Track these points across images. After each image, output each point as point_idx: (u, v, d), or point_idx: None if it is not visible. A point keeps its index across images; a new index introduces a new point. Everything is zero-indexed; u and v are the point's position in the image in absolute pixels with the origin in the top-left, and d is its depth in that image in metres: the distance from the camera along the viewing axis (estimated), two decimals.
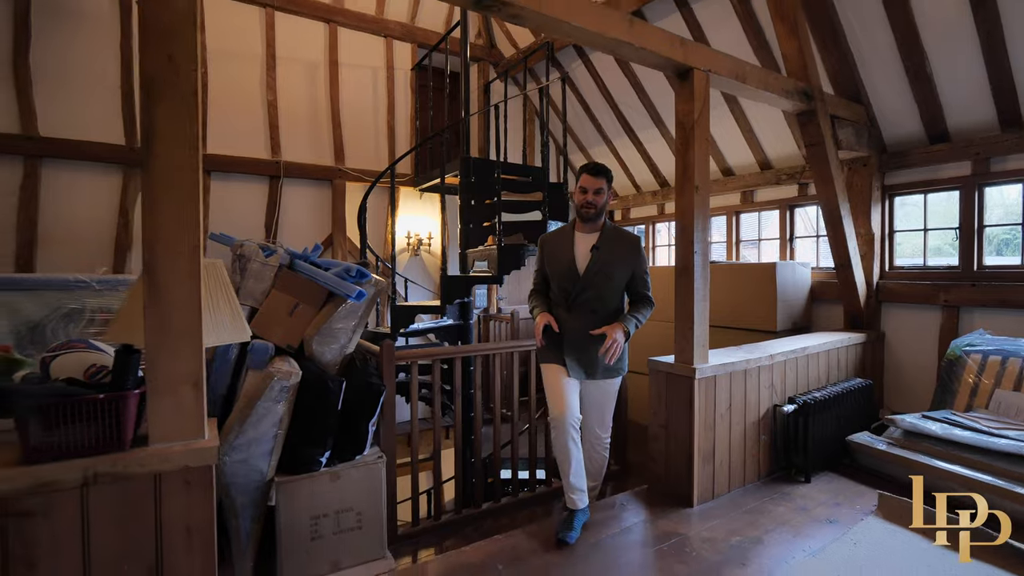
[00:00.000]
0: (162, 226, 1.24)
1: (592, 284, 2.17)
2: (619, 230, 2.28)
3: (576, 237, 2.24)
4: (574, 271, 2.19)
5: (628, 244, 2.22)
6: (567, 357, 2.18)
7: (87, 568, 1.15)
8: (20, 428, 1.12)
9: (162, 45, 1.23)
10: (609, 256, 2.18)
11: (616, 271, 2.19)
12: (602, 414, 2.33)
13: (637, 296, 2.25)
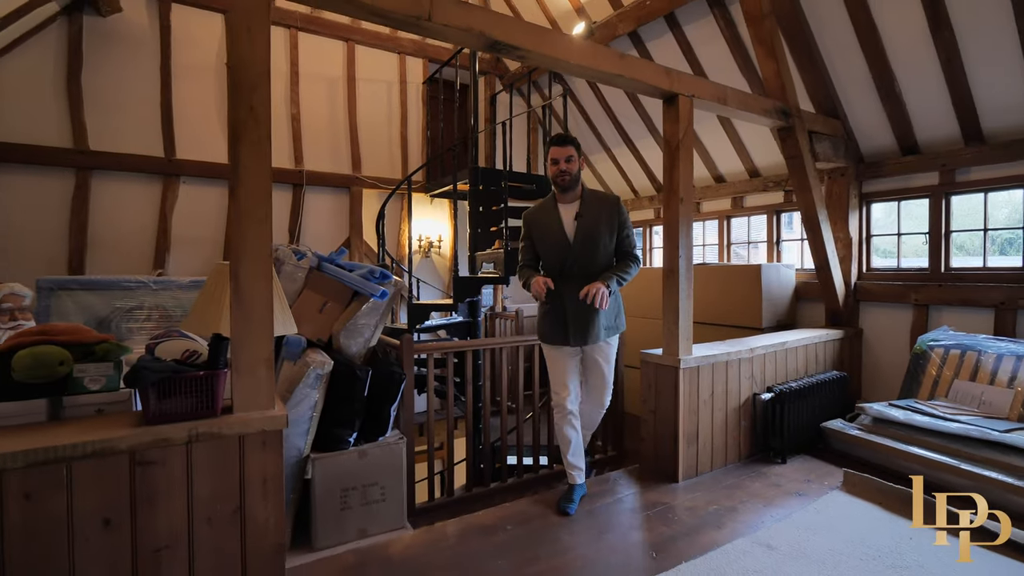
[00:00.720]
0: (245, 240, 1.57)
1: (582, 251, 2.26)
2: (597, 194, 2.36)
3: (560, 209, 2.32)
4: (565, 242, 2.27)
5: (609, 205, 2.31)
6: (569, 326, 2.28)
7: (190, 506, 1.49)
8: (143, 397, 1.45)
9: (245, 98, 1.56)
10: (593, 221, 2.27)
11: (601, 234, 2.27)
12: (605, 380, 2.44)
13: (621, 255, 2.34)
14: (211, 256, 4.45)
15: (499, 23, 2.08)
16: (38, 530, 1.31)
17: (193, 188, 4.35)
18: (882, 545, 2.06)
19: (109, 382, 1.64)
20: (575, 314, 2.28)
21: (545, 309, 2.39)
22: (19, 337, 1.58)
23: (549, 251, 2.34)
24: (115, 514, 1.40)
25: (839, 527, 2.23)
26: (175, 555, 1.47)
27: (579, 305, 2.25)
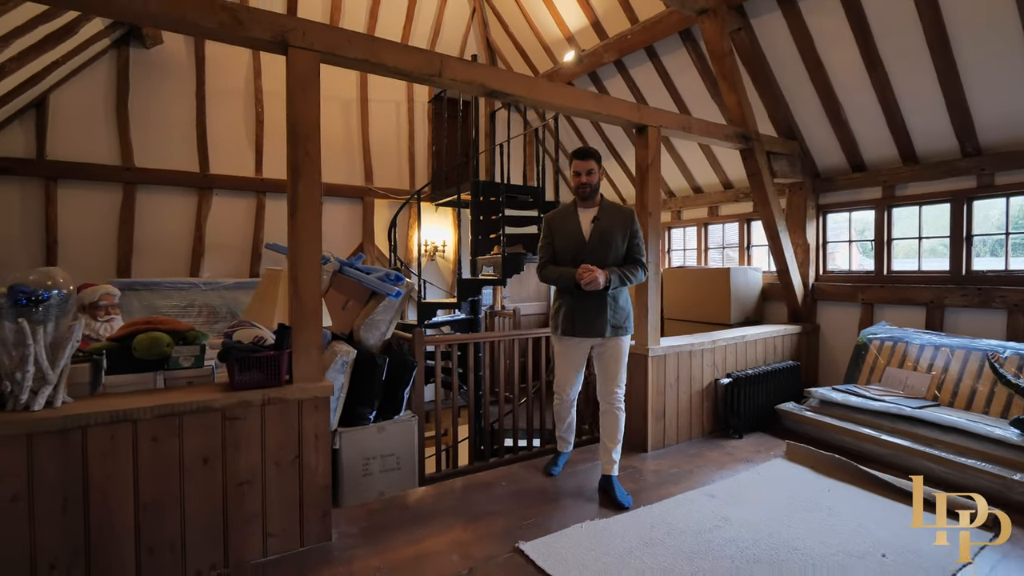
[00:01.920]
0: (302, 252, 2.07)
1: (595, 250, 2.48)
2: (615, 204, 2.61)
3: (580, 213, 2.55)
4: (581, 241, 2.49)
5: (623, 215, 2.55)
6: (577, 317, 2.49)
7: (263, 451, 1.99)
8: (230, 370, 1.96)
9: (302, 145, 2.06)
10: (608, 225, 2.50)
11: (615, 238, 2.50)
12: (615, 372, 2.58)
13: (630, 259, 2.56)
14: (240, 259, 4.96)
15: (495, 76, 2.58)
16: (160, 464, 1.82)
17: (224, 199, 4.86)
18: (804, 495, 2.56)
19: (196, 361, 2.14)
20: (584, 308, 2.49)
21: (559, 304, 2.58)
22: (131, 326, 2.08)
23: (566, 248, 2.53)
24: (211, 455, 1.90)
25: (773, 483, 2.73)
26: (252, 488, 1.97)
27: (589, 300, 2.48)
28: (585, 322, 2.50)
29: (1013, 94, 3.10)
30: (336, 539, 2.13)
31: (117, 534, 1.75)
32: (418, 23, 5.51)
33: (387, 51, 2.25)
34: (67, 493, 1.68)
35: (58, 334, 1.74)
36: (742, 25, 3.76)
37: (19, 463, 1.62)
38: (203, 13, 1.87)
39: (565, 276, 2.47)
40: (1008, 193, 3.41)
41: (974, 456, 2.63)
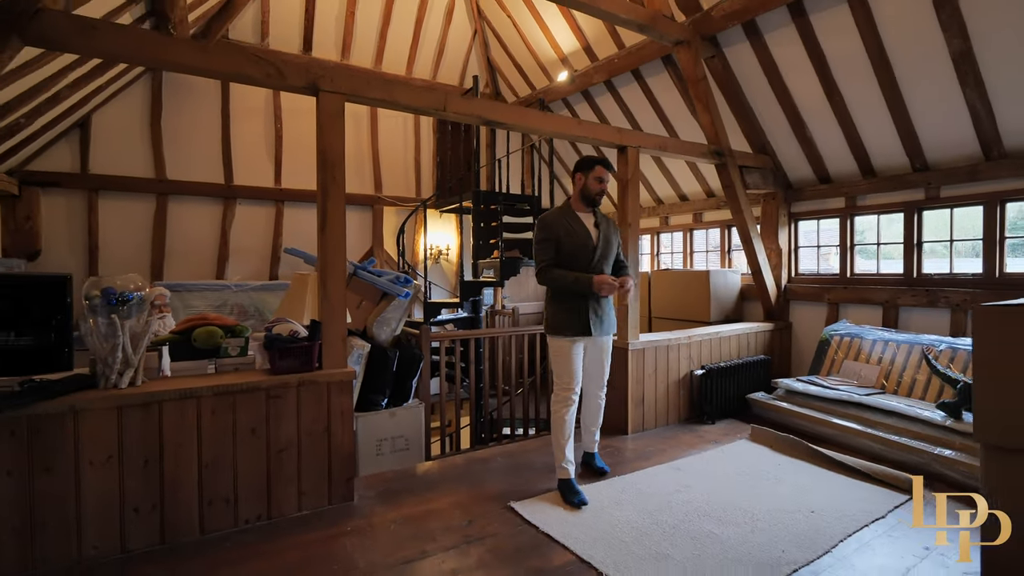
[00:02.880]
0: (329, 260, 2.49)
1: (602, 254, 2.62)
2: (603, 213, 2.78)
3: (581, 218, 2.64)
4: (591, 244, 2.59)
5: (612, 223, 2.78)
6: (591, 317, 2.57)
7: (299, 424, 2.41)
8: (271, 357, 2.38)
9: (331, 170, 2.49)
10: (607, 232, 2.67)
11: (612, 244, 2.68)
12: (603, 368, 2.76)
13: (620, 265, 2.78)
14: (261, 263, 5.40)
15: (491, 108, 3.01)
16: (217, 432, 2.24)
17: (246, 208, 5.30)
18: (758, 468, 2.97)
19: (241, 350, 2.57)
20: (599, 308, 2.60)
21: (568, 305, 2.58)
22: (189, 322, 2.52)
23: (578, 251, 2.57)
24: (258, 426, 2.33)
25: (735, 459, 3.14)
26: (290, 454, 2.40)
27: (604, 302, 2.63)
28: (600, 323, 2.60)
29: (949, 118, 3.50)
30: (358, 500, 2.55)
31: (184, 488, 2.18)
32: (424, 44, 5.94)
33: (401, 91, 2.68)
34: (147, 454, 2.11)
35: (138, 327, 2.17)
36: (715, 53, 4.17)
37: (112, 430, 2.05)
38: (255, 68, 2.30)
39: (582, 281, 2.50)
40: (952, 204, 3.81)
41: (907, 435, 3.04)
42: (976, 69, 3.21)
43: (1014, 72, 3.12)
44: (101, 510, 2.03)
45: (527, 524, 2.31)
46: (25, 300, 2.06)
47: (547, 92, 5.73)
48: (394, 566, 1.98)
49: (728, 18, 3.80)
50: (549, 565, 2.00)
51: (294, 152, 5.48)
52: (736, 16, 3.76)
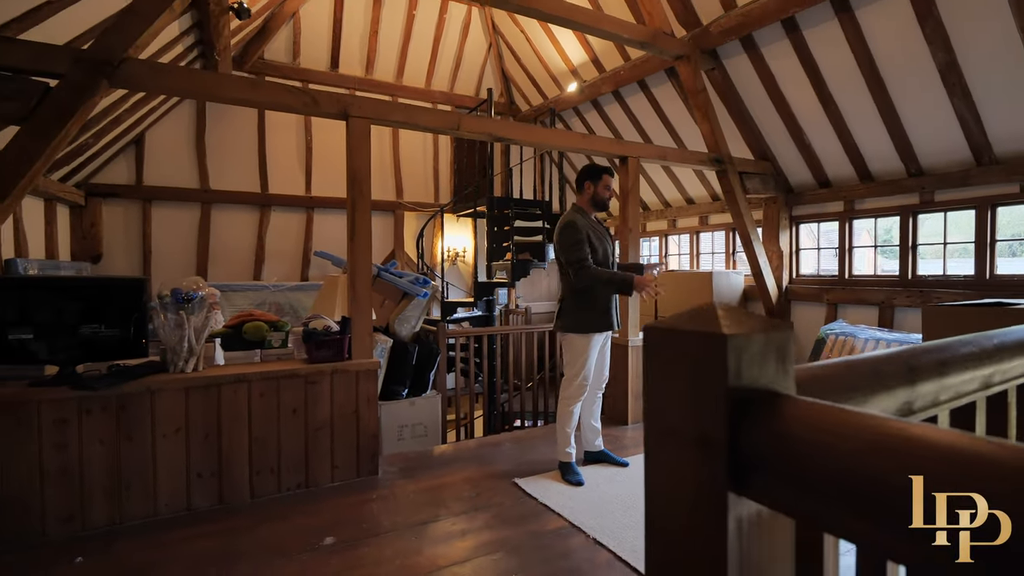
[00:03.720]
0: (358, 263, 2.86)
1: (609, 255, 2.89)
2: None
3: (594, 222, 2.89)
4: (609, 246, 2.88)
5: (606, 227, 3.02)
6: (613, 314, 2.82)
7: (332, 407, 2.78)
8: (309, 348, 2.76)
9: (358, 185, 2.85)
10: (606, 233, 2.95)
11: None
12: (607, 363, 3.02)
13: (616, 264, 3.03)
14: (292, 265, 5.85)
15: (501, 126, 3.34)
16: (265, 412, 2.63)
17: (280, 215, 5.76)
18: None
19: (283, 343, 2.96)
20: (613, 306, 2.86)
21: (593, 304, 2.77)
22: (239, 318, 2.91)
23: (601, 254, 2.81)
24: (298, 407, 2.71)
25: None
26: (324, 433, 2.77)
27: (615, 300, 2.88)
28: (617, 319, 2.87)
29: (940, 126, 3.68)
30: (382, 474, 2.91)
31: (237, 458, 2.57)
32: (442, 59, 6.30)
33: (420, 115, 3.03)
34: (207, 428, 2.51)
35: (199, 322, 2.57)
36: (715, 65, 4.41)
37: (180, 407, 2.45)
38: (294, 98, 2.68)
39: (617, 279, 2.71)
40: (945, 209, 3.98)
41: None
42: (962, 80, 3.39)
43: (999, 82, 3.29)
44: (171, 474, 2.43)
45: (528, 496, 2.63)
46: (110, 299, 2.48)
47: (558, 102, 6.03)
48: (413, 526, 2.33)
49: (725, 33, 4.04)
50: (544, 529, 2.32)
51: (323, 163, 5.91)
52: (733, 31, 4.00)
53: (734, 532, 0.39)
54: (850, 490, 0.35)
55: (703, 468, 0.40)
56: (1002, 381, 0.77)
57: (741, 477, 0.39)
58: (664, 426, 0.44)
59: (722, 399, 0.39)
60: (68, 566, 2.04)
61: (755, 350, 0.40)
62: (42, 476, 2.23)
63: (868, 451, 0.34)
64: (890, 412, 0.57)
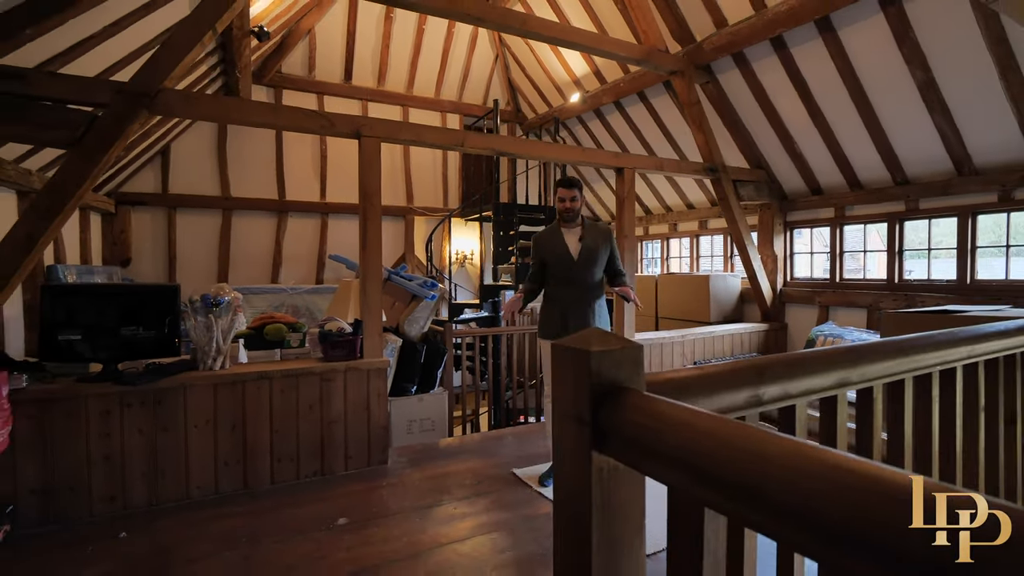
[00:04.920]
0: (368, 271, 3.12)
1: (584, 266, 2.76)
2: (595, 224, 2.87)
3: (564, 233, 2.81)
4: (569, 258, 2.76)
5: (604, 234, 2.83)
6: (570, 322, 2.73)
7: (345, 402, 3.04)
8: (324, 348, 3.02)
9: (369, 200, 3.11)
10: (592, 244, 2.78)
11: (598, 255, 2.78)
12: None
13: (615, 272, 2.87)
14: (308, 268, 6.15)
15: (503, 142, 3.57)
16: (284, 406, 2.89)
17: (297, 220, 6.06)
18: None
19: (300, 343, 3.23)
20: (573, 314, 2.77)
21: (548, 311, 2.85)
22: (260, 320, 3.19)
23: (558, 265, 2.79)
24: (314, 402, 2.97)
25: None
26: (338, 426, 3.03)
27: (575, 307, 2.77)
28: (575, 328, 2.70)
29: (922, 138, 3.84)
30: (391, 463, 3.17)
31: (260, 447, 2.84)
32: (450, 70, 6.55)
33: (427, 133, 3.28)
34: (234, 420, 2.78)
35: (226, 324, 2.85)
36: (709, 79, 4.60)
37: (209, 401, 2.73)
38: (312, 122, 2.94)
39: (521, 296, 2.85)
40: (929, 216, 4.14)
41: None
42: (940, 96, 3.56)
43: (975, 98, 3.45)
44: (202, 462, 2.71)
45: (525, 485, 2.87)
46: (147, 303, 2.76)
47: (562, 111, 6.24)
48: (419, 509, 2.58)
49: (718, 50, 4.23)
50: (537, 513, 2.56)
51: (337, 171, 6.19)
52: (724, 48, 4.19)
53: (596, 476, 0.63)
54: (660, 452, 0.58)
55: (579, 436, 0.64)
56: (860, 381, 1.00)
57: (600, 442, 0.63)
58: (562, 410, 0.68)
59: (587, 392, 0.62)
60: (113, 540, 2.32)
61: (613, 360, 0.64)
62: (89, 462, 2.51)
63: (667, 429, 0.58)
64: (738, 402, 0.80)
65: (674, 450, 0.56)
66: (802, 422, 0.94)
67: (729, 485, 0.50)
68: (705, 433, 0.54)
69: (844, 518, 0.40)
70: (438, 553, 2.19)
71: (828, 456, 0.45)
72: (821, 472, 0.43)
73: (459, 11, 3.31)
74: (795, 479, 0.44)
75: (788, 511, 0.44)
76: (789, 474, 0.45)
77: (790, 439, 0.49)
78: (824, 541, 0.42)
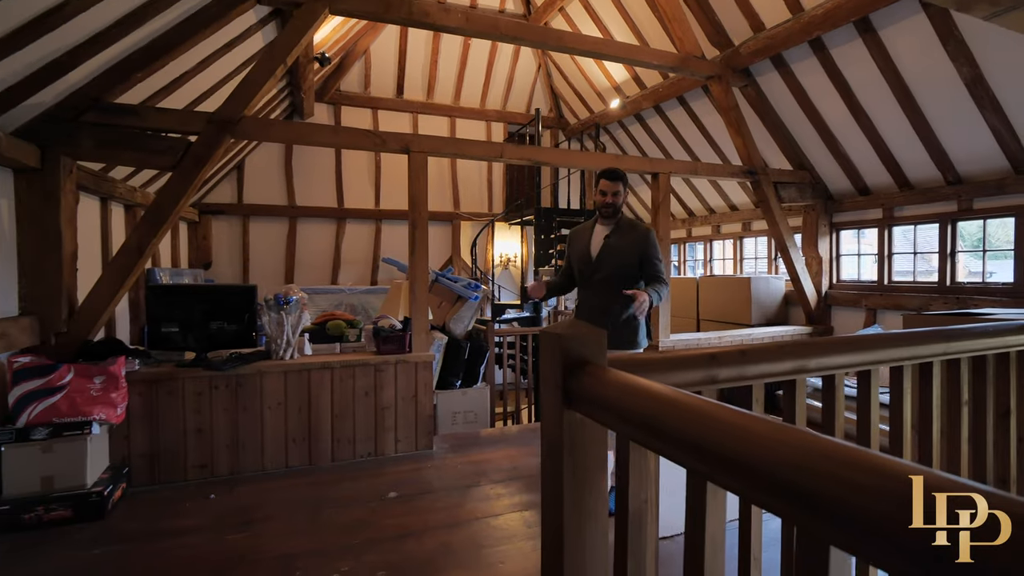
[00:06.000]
0: (417, 273, 3.44)
1: (602, 266, 2.51)
2: (632, 222, 2.59)
3: (596, 230, 2.58)
4: (588, 257, 2.55)
5: (639, 234, 2.52)
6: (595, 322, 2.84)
7: (396, 391, 3.38)
8: (378, 342, 3.38)
9: (417, 209, 3.44)
10: (619, 243, 2.50)
11: (625, 255, 2.48)
12: None
13: (651, 278, 2.51)
14: (363, 270, 6.64)
15: (538, 153, 3.81)
16: (343, 393, 3.27)
17: (353, 226, 6.56)
18: None
19: (357, 338, 3.60)
20: (589, 318, 2.56)
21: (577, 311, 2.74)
22: (323, 317, 3.59)
23: (578, 263, 2.64)
24: (369, 390, 3.33)
25: None
26: (390, 412, 3.38)
27: (592, 311, 2.55)
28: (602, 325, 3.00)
29: (973, 137, 3.73)
30: (435, 449, 3.48)
31: (322, 429, 3.22)
32: (495, 80, 6.87)
33: (469, 147, 3.58)
34: (300, 404, 3.18)
35: (295, 320, 3.25)
36: (748, 82, 4.63)
37: (280, 386, 3.14)
38: (368, 140, 3.30)
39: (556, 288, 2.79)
40: (984, 216, 4.00)
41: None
42: (991, 93, 3.47)
43: None
44: (274, 438, 3.12)
45: None
46: (230, 301, 3.21)
47: (603, 116, 6.40)
48: (458, 488, 2.87)
49: (755, 54, 4.28)
50: None
51: (390, 179, 6.65)
52: (762, 52, 4.23)
53: (566, 426, 0.86)
54: (606, 407, 0.81)
55: (555, 397, 0.88)
56: (818, 369, 1.17)
57: (569, 402, 0.86)
58: (545, 378, 0.91)
59: (560, 365, 0.86)
60: (205, 500, 2.74)
61: (578, 341, 0.87)
62: (185, 434, 2.97)
63: (611, 390, 0.80)
64: (694, 379, 1.01)
65: (614, 404, 0.78)
66: (760, 401, 1.13)
67: (644, 424, 0.72)
68: (632, 391, 0.76)
69: (692, 433, 0.62)
70: (474, 524, 2.46)
71: (701, 403, 0.66)
72: (687, 407, 0.65)
73: (499, 33, 3.58)
74: (677, 413, 0.66)
75: (671, 437, 0.66)
76: (669, 409, 0.67)
77: (678, 393, 0.70)
78: (697, 458, 0.64)
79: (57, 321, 2.77)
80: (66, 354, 2.75)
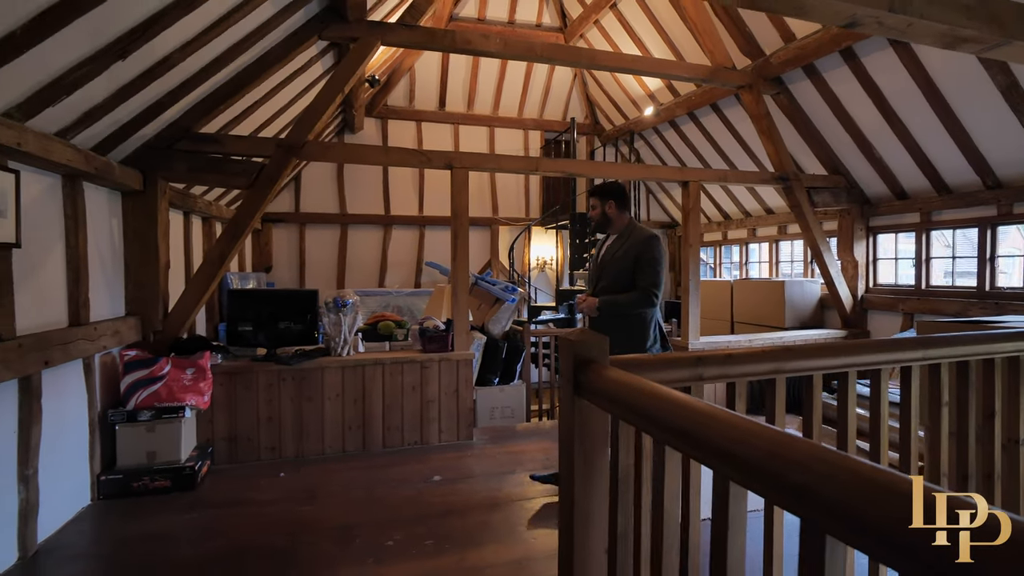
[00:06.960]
0: (459, 278, 3.76)
1: (604, 275, 2.59)
2: (637, 229, 2.60)
3: (607, 240, 2.71)
4: (594, 267, 2.72)
5: (636, 241, 2.51)
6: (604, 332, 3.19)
7: (440, 386, 3.71)
8: (423, 341, 3.72)
9: (459, 220, 3.75)
10: (619, 250, 2.56)
11: (620, 263, 2.51)
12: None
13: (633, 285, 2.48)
14: (408, 273, 7.06)
15: (571, 165, 4.07)
16: (393, 386, 3.62)
17: (399, 232, 6.99)
18: None
19: (404, 337, 3.96)
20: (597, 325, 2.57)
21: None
22: (374, 318, 3.97)
23: (589, 273, 2.87)
24: (415, 385, 3.67)
25: None
26: (434, 406, 3.71)
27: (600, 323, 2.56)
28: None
29: (1011, 141, 3.71)
30: (475, 439, 3.79)
31: (374, 418, 3.59)
32: (532, 90, 7.13)
33: (505, 161, 3.88)
34: (355, 395, 3.56)
35: (350, 321, 3.64)
36: (780, 90, 4.71)
37: (338, 380, 3.53)
38: (414, 158, 3.65)
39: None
40: None
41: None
42: None
43: None
44: (333, 426, 3.51)
45: None
46: (295, 303, 3.63)
47: (637, 123, 6.55)
48: (496, 474, 3.16)
49: (786, 64, 4.37)
50: None
51: (433, 187, 7.04)
52: (793, 62, 4.32)
53: (577, 411, 1.13)
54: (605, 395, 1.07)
55: (568, 388, 1.15)
56: (793, 370, 1.39)
57: (579, 391, 1.13)
58: (563, 372, 1.19)
59: (571, 363, 1.13)
60: (275, 477, 3.15)
61: (586, 345, 1.13)
62: (258, 421, 3.40)
63: (608, 383, 1.07)
64: (682, 376, 1.25)
65: (610, 393, 1.05)
66: (743, 396, 1.36)
67: (627, 407, 0.98)
68: (624, 385, 1.02)
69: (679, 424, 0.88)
70: (510, 506, 2.75)
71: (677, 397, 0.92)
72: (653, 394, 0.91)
73: (535, 55, 3.84)
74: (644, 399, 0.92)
75: (644, 414, 0.92)
76: (650, 400, 0.93)
77: (652, 385, 0.96)
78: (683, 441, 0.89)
79: (155, 321, 3.24)
80: (161, 349, 3.22)
